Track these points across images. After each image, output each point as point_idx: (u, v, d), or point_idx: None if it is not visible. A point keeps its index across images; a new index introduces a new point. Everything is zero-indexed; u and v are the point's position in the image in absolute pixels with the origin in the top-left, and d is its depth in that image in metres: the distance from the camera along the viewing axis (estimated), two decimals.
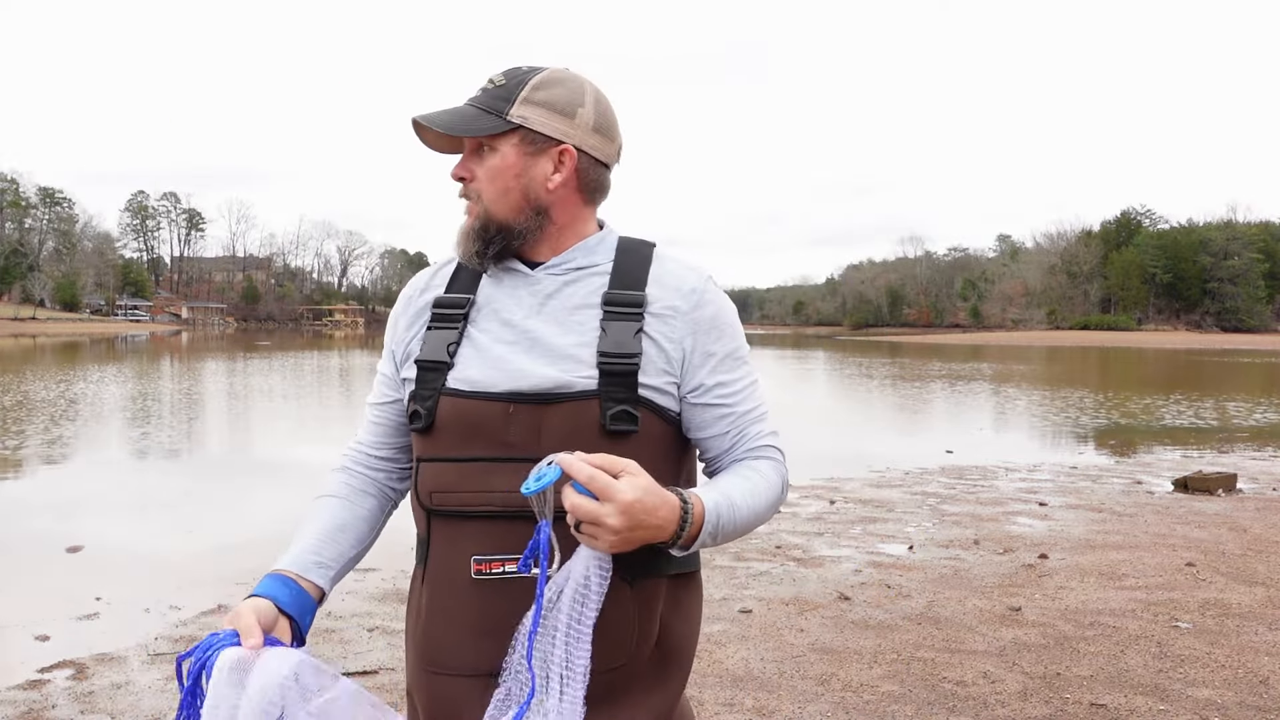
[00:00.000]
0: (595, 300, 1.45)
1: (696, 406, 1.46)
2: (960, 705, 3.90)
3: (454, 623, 1.42)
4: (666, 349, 1.44)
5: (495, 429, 1.40)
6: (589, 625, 1.28)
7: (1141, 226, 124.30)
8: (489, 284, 1.51)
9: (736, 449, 1.48)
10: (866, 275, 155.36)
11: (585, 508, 1.23)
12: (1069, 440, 14.22)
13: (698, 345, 1.46)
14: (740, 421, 1.48)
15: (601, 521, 1.23)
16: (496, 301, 1.49)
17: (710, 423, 1.47)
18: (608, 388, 1.39)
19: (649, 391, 1.41)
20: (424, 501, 1.44)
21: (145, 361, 35.74)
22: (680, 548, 1.32)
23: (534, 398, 1.39)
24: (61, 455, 11.70)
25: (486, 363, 1.44)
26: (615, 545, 1.25)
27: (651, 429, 1.42)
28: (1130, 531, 7.32)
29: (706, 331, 1.47)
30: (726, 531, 1.36)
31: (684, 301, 1.46)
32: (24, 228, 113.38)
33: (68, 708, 3.92)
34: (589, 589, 1.28)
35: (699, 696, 3.97)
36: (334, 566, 1.48)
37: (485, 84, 1.48)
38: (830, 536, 7.15)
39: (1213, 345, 71.99)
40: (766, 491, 1.43)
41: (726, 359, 1.48)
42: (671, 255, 1.53)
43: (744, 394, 1.49)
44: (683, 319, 1.46)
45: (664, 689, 1.45)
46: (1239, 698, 3.98)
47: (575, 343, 1.42)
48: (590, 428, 1.37)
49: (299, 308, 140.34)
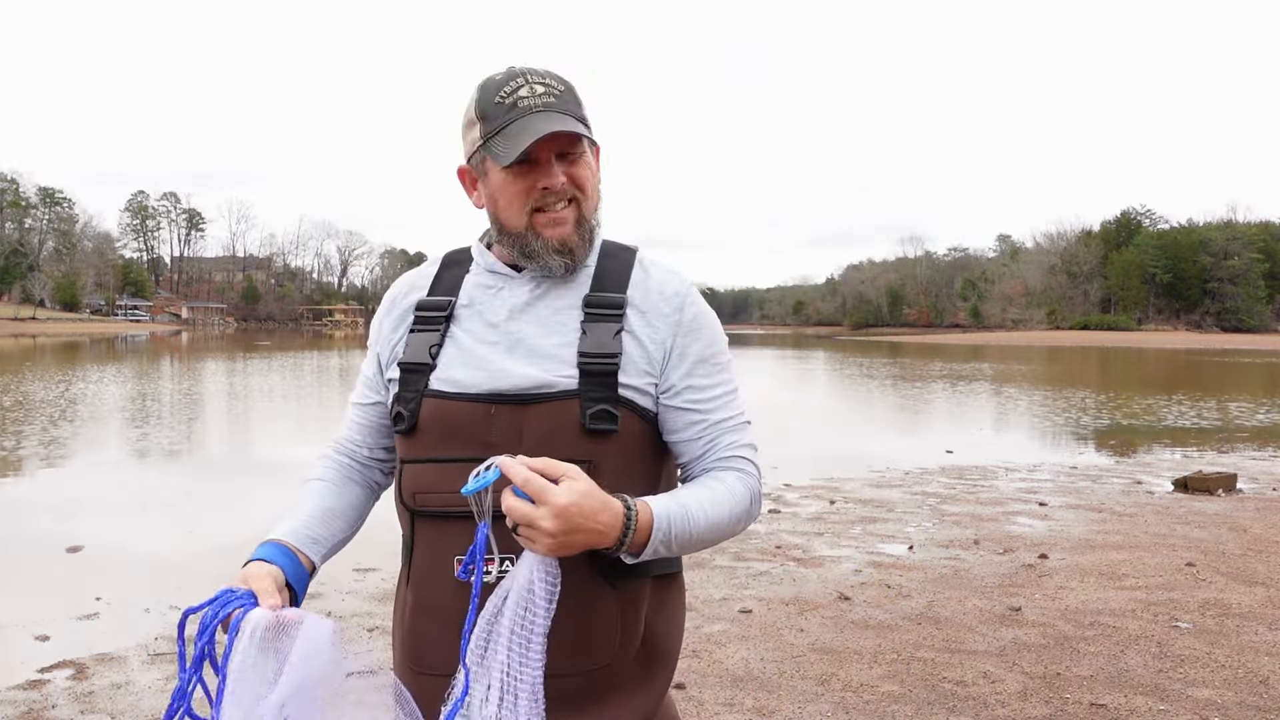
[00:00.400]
0: (577, 302, 1.47)
1: (669, 408, 1.46)
2: (960, 705, 3.90)
3: (438, 622, 1.43)
4: (649, 348, 1.45)
5: (477, 429, 1.41)
6: (538, 634, 1.27)
7: (1141, 226, 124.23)
8: (472, 286, 1.52)
9: (707, 457, 1.46)
10: (866, 275, 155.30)
11: (519, 510, 1.23)
12: (1069, 440, 14.22)
13: (676, 345, 1.47)
14: (712, 430, 1.47)
15: (536, 524, 1.23)
16: (480, 303, 1.50)
17: (681, 427, 1.47)
18: (587, 387, 1.40)
19: (629, 391, 1.42)
20: (407, 502, 1.46)
21: (145, 361, 35.74)
22: (628, 554, 1.32)
23: (515, 398, 1.40)
24: (61, 455, 11.70)
25: (469, 363, 1.45)
26: (552, 549, 1.24)
27: (631, 428, 1.43)
28: (1130, 531, 7.32)
29: (686, 334, 1.48)
30: (681, 540, 1.35)
31: (667, 304, 1.48)
32: (24, 228, 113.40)
33: (68, 708, 3.92)
34: (534, 595, 1.26)
35: (699, 696, 3.97)
36: (326, 545, 1.49)
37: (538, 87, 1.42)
38: (830, 536, 7.15)
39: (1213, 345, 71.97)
40: (729, 503, 1.41)
41: (702, 363, 1.48)
42: (654, 260, 1.55)
43: (718, 401, 1.48)
44: (664, 320, 1.47)
45: (648, 689, 1.46)
46: (1239, 698, 3.98)
47: (557, 343, 1.43)
48: (571, 427, 1.38)
49: (299, 308, 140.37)
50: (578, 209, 1.46)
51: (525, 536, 1.25)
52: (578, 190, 1.45)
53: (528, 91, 1.41)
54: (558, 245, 1.44)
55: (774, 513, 8.03)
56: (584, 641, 1.39)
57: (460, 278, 1.54)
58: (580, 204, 1.46)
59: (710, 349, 1.49)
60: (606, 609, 1.40)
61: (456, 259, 1.58)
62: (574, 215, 1.45)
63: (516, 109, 1.41)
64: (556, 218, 1.44)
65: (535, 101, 1.41)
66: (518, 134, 1.39)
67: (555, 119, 1.40)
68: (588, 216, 1.47)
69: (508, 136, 1.40)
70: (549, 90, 1.42)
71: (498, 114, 1.42)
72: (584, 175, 1.45)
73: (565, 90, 1.44)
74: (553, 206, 1.44)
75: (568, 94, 1.44)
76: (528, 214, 1.44)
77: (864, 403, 21.36)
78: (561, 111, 1.41)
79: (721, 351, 1.51)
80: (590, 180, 1.47)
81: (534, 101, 1.41)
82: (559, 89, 1.44)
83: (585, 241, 1.47)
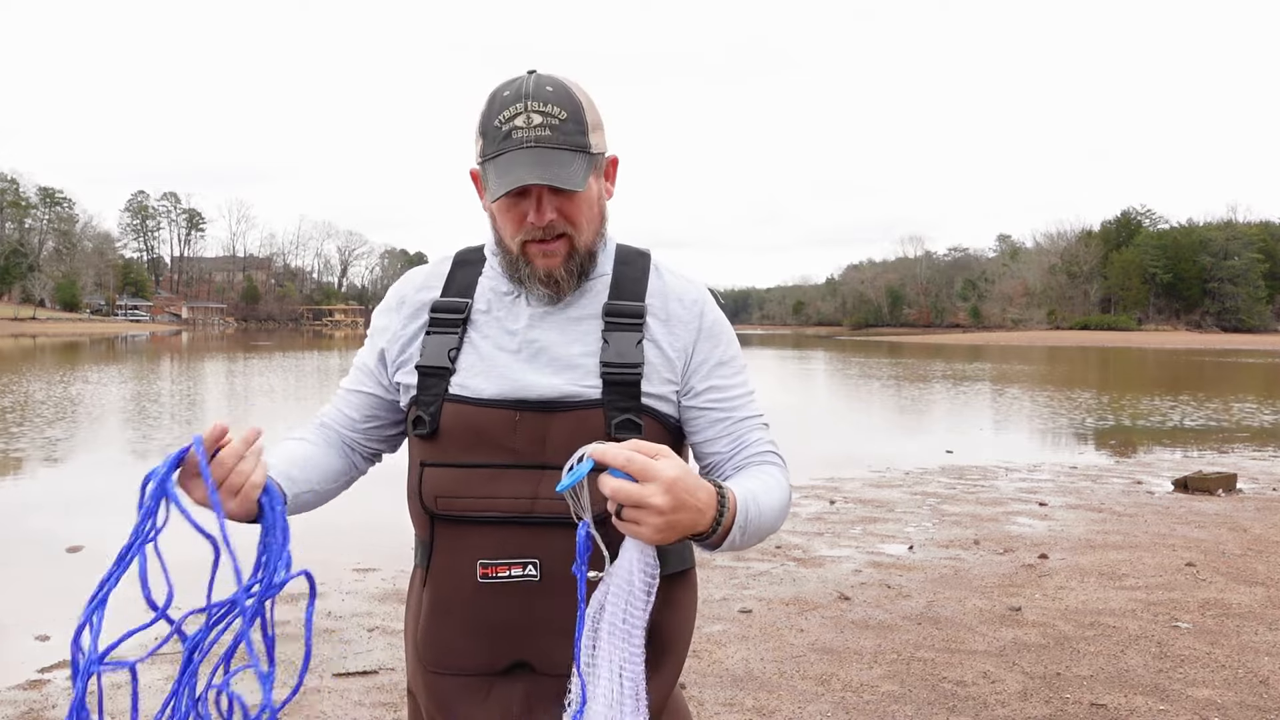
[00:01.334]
0: (597, 310, 1.46)
1: (692, 410, 1.47)
2: (960, 705, 3.90)
3: (457, 624, 1.44)
4: (670, 355, 1.46)
5: (501, 436, 1.41)
6: (638, 626, 1.23)
7: (1141, 226, 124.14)
8: (488, 289, 1.51)
9: (739, 455, 1.47)
10: (866, 275, 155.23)
11: (627, 489, 1.16)
12: (1069, 440, 14.22)
13: (698, 350, 1.48)
14: (738, 427, 1.48)
15: (646, 502, 1.16)
16: (498, 308, 1.49)
17: (706, 426, 1.47)
18: (611, 397, 1.40)
19: (652, 400, 1.43)
20: (428, 506, 1.45)
21: (146, 362, 35.73)
22: (715, 539, 1.27)
23: (540, 405, 1.40)
24: (62, 455, 11.70)
25: (490, 370, 1.44)
26: (660, 529, 1.18)
27: (655, 436, 1.42)
28: (1130, 531, 7.32)
29: (707, 339, 1.49)
30: (753, 527, 1.33)
31: (687, 311, 1.49)
32: (24, 228, 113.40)
33: (68, 708, 3.92)
34: (633, 587, 1.23)
35: (699, 696, 3.97)
36: (300, 487, 1.44)
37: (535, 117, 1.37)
38: (830, 536, 7.15)
39: (1213, 345, 71.96)
40: (780, 493, 1.41)
41: (721, 365, 1.50)
42: (669, 268, 1.55)
43: (740, 401, 1.49)
44: (685, 327, 1.48)
45: (658, 682, 1.46)
46: (1239, 698, 3.98)
47: (579, 353, 1.43)
48: (595, 436, 1.38)
49: (299, 308, 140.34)
50: (569, 243, 1.44)
51: (631, 520, 1.18)
52: (570, 225, 1.42)
53: (524, 122, 1.37)
54: (543, 276, 1.43)
55: None
56: None
57: (474, 278, 1.52)
58: (573, 239, 1.44)
59: (729, 352, 1.51)
60: None
61: (469, 258, 1.56)
62: (565, 249, 1.43)
63: (510, 140, 1.37)
64: (547, 249, 1.43)
65: (529, 135, 1.37)
66: (504, 172, 1.37)
67: (539, 164, 1.36)
68: (581, 249, 1.45)
69: (497, 167, 1.38)
70: (546, 121, 1.37)
71: (494, 139, 1.39)
72: (576, 211, 1.42)
73: (568, 118, 1.38)
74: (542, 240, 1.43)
75: (569, 122, 1.38)
76: (519, 244, 1.43)
77: (864, 403, 21.36)
78: (555, 146, 1.37)
79: (739, 355, 1.53)
80: (584, 215, 1.43)
81: (527, 135, 1.37)
82: (559, 118, 1.38)
83: (573, 276, 1.45)
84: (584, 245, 1.45)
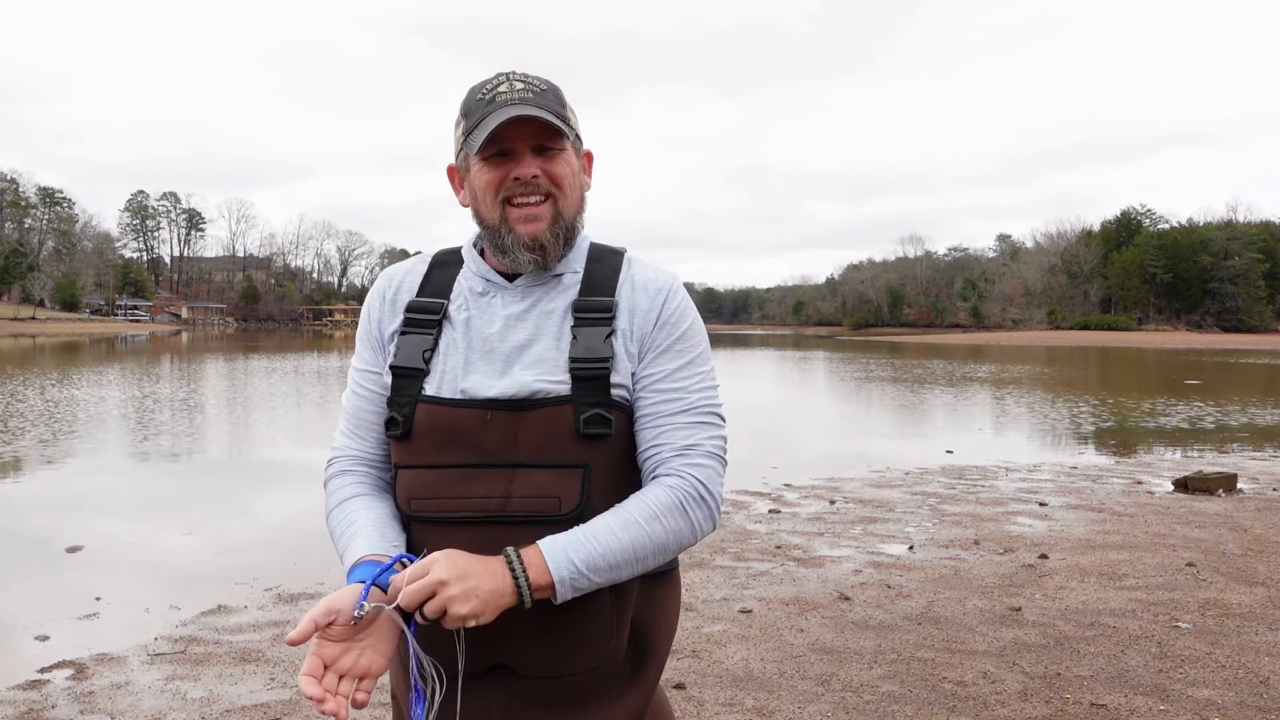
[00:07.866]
0: (567, 307, 1.46)
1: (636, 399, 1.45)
2: (960, 705, 3.90)
3: (434, 626, 1.43)
4: (631, 348, 1.45)
5: (473, 436, 1.40)
6: None
7: (1142, 226, 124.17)
8: (464, 290, 1.51)
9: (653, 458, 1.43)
10: (866, 275, 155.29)
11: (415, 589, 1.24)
12: (1069, 440, 14.21)
13: (651, 336, 1.46)
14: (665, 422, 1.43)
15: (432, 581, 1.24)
16: (473, 308, 1.49)
17: (638, 418, 1.44)
18: (580, 393, 1.40)
19: (620, 390, 1.43)
20: (403, 508, 1.45)
21: (146, 362, 35.73)
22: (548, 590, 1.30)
23: (510, 404, 1.40)
24: (61, 455, 11.69)
25: (463, 370, 1.44)
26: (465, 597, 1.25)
27: (625, 430, 1.43)
28: (1130, 531, 7.31)
29: (663, 326, 1.47)
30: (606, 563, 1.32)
31: (649, 300, 1.48)
32: (24, 228, 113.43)
33: (68, 708, 3.92)
34: None
35: (699, 696, 3.97)
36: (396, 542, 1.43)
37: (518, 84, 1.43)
38: (830, 536, 7.15)
39: (1213, 345, 71.95)
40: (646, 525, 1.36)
41: (664, 353, 1.46)
42: (642, 260, 1.55)
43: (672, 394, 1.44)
44: (645, 316, 1.47)
45: (641, 682, 1.47)
46: (1239, 698, 3.98)
47: (548, 349, 1.43)
48: (565, 432, 1.38)
49: (299, 308, 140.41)
50: (554, 206, 1.44)
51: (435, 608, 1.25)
52: (554, 186, 1.43)
53: (507, 88, 1.42)
54: (528, 241, 1.42)
55: (774, 513, 8.03)
56: (577, 644, 1.40)
57: (450, 279, 1.53)
58: (557, 201, 1.44)
59: (680, 343, 1.47)
60: (603, 613, 1.41)
61: (446, 259, 1.57)
62: (550, 212, 1.43)
63: (494, 103, 1.41)
64: (530, 213, 1.42)
65: (513, 95, 1.41)
66: (490, 126, 1.40)
67: (529, 109, 1.40)
68: (565, 215, 1.45)
69: (483, 128, 1.40)
70: (529, 87, 1.43)
71: (477, 109, 1.43)
72: (561, 172, 1.44)
73: (548, 90, 1.45)
74: (526, 199, 1.42)
75: (550, 93, 1.44)
76: (500, 205, 1.43)
77: (864, 403, 21.35)
78: (538, 105, 1.41)
79: (694, 346, 1.48)
80: (569, 178, 1.45)
81: (511, 95, 1.41)
82: (540, 88, 1.44)
83: (559, 241, 1.45)
84: (569, 212, 1.46)
